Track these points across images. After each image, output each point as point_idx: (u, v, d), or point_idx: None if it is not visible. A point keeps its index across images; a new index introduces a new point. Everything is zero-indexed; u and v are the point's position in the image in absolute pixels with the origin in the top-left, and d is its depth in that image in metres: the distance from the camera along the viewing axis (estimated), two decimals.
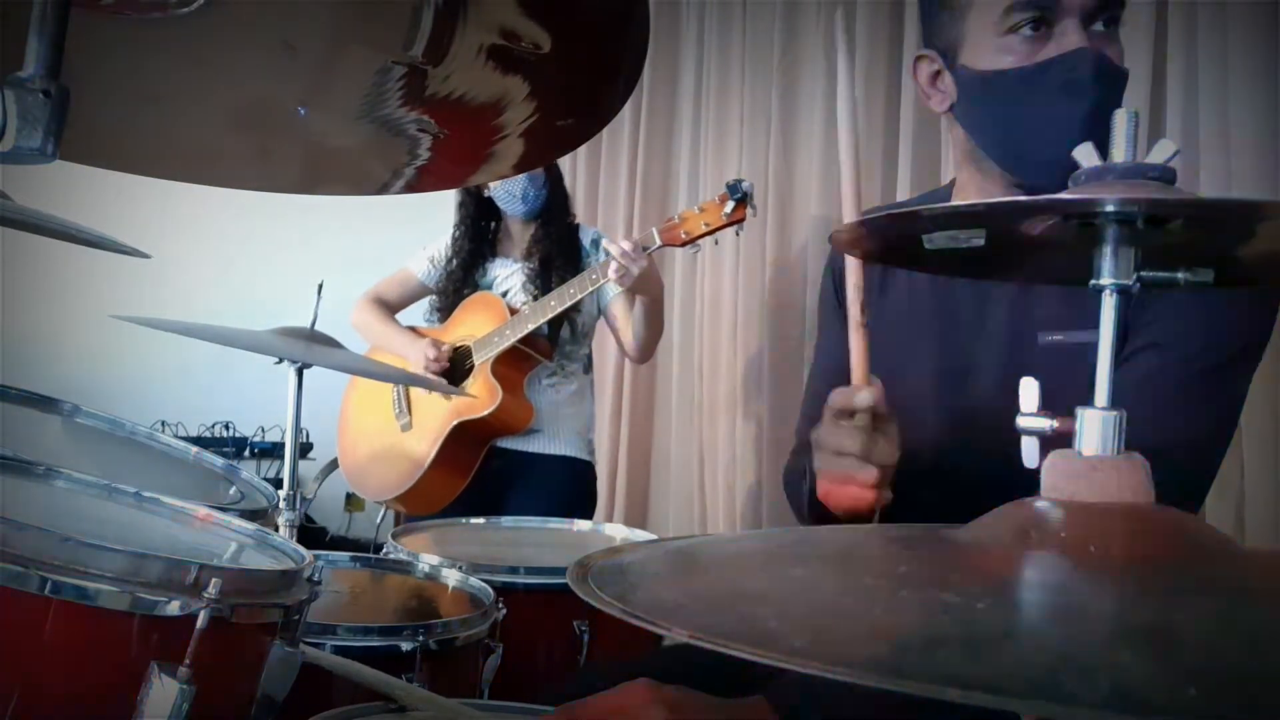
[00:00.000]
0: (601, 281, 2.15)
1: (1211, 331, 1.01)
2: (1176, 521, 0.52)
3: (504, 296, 2.36)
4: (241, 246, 3.56)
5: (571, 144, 0.82)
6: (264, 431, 3.54)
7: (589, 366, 2.47)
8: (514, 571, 1.40)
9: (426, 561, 1.45)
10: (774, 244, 2.85)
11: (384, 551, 1.54)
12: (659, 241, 2.08)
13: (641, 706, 0.79)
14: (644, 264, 2.06)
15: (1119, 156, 0.54)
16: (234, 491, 1.27)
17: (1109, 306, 0.54)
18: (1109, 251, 0.54)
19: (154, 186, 0.86)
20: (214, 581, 0.73)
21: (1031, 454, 0.58)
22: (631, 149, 3.25)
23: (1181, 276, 0.54)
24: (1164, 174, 0.53)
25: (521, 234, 2.41)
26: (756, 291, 2.89)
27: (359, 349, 2.43)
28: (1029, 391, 0.58)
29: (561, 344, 2.36)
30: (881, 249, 0.71)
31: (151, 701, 0.71)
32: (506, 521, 1.88)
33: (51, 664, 0.71)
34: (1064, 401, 0.57)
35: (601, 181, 3.36)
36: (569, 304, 2.20)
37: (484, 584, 1.35)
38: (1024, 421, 0.58)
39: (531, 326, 2.23)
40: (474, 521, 1.87)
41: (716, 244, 2.14)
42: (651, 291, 2.20)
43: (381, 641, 1.14)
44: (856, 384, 1.02)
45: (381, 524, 2.81)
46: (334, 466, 2.77)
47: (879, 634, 0.42)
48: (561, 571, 1.43)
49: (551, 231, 2.36)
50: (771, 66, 2.85)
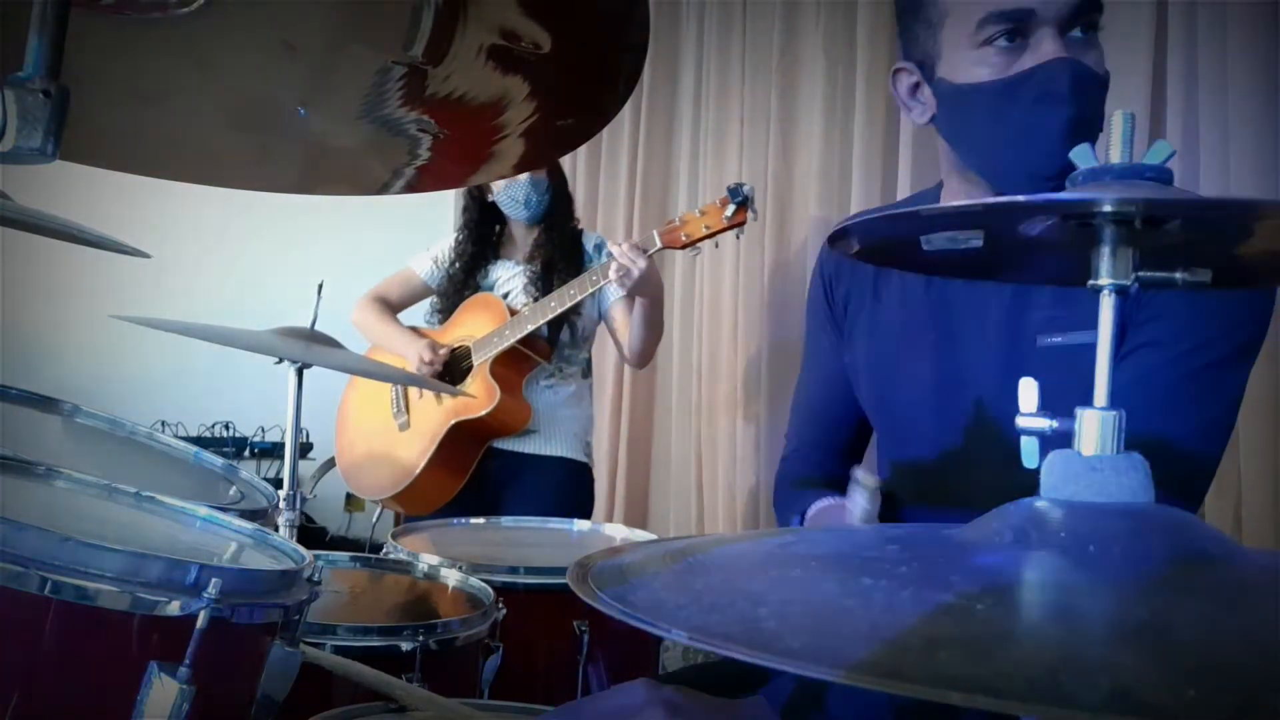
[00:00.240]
0: (602, 283, 2.15)
1: (1208, 329, 1.00)
2: (1176, 521, 0.52)
3: (505, 299, 2.36)
4: (241, 246, 3.56)
5: (571, 144, 0.82)
6: (264, 431, 3.54)
7: (588, 371, 2.47)
8: (514, 571, 1.40)
9: (426, 561, 1.45)
10: (773, 244, 2.85)
11: (384, 551, 1.54)
12: (659, 243, 2.08)
13: (640, 708, 0.79)
14: (644, 265, 2.06)
15: (1116, 157, 0.54)
16: (234, 491, 1.27)
17: (1107, 306, 0.54)
18: (1107, 252, 0.54)
19: (154, 186, 0.86)
20: (214, 581, 0.73)
21: (1031, 454, 0.58)
22: (631, 149, 3.25)
23: (1179, 276, 0.54)
24: (1161, 174, 0.53)
25: (525, 238, 2.41)
26: (756, 291, 2.89)
27: (359, 349, 2.43)
28: (1028, 392, 0.58)
29: (561, 347, 2.36)
30: (879, 250, 0.71)
31: (151, 701, 0.71)
32: (506, 521, 1.88)
33: (51, 664, 0.71)
34: (1061, 402, 0.57)
35: (601, 182, 3.36)
36: (569, 305, 2.20)
37: (484, 584, 1.34)
38: (1024, 422, 0.58)
39: (531, 327, 2.23)
40: (474, 521, 1.87)
41: (717, 247, 2.13)
42: (652, 293, 2.19)
43: (381, 641, 1.14)
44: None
45: (377, 524, 2.81)
46: (331, 465, 2.77)
47: (879, 635, 0.42)
48: (561, 571, 1.44)
49: (554, 236, 2.36)
50: (771, 67, 2.86)
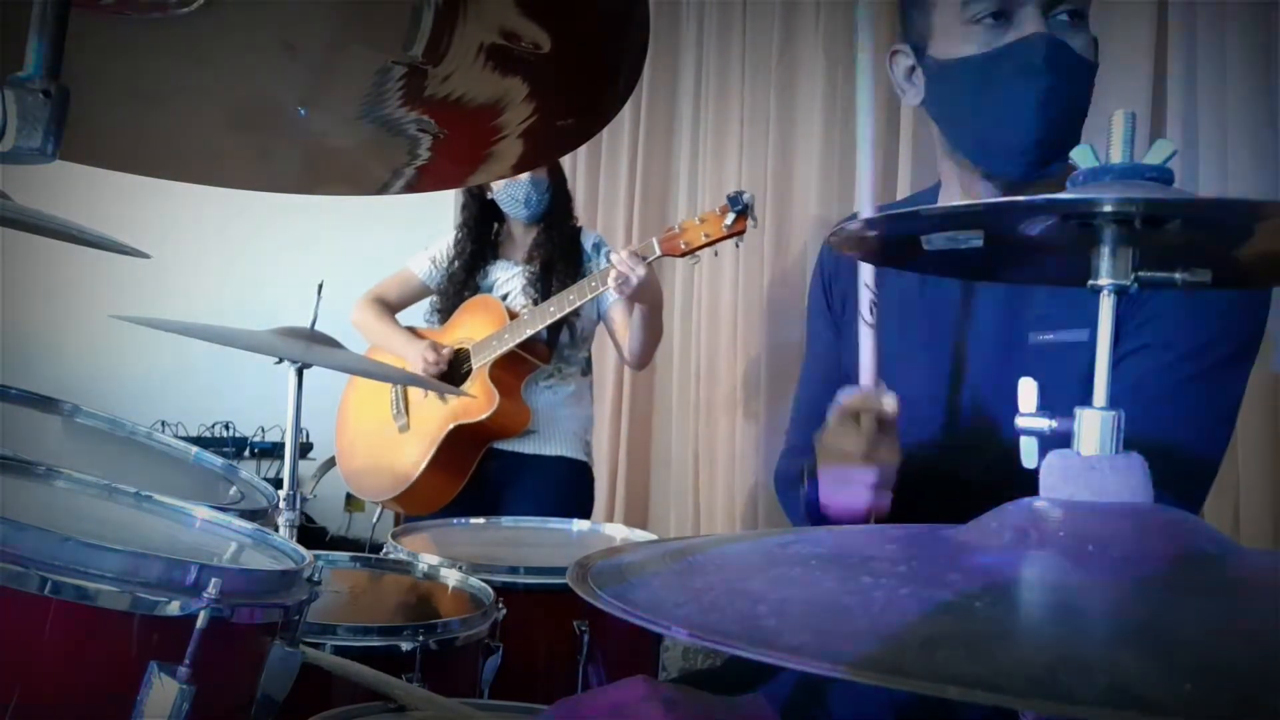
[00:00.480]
0: (601, 290, 2.15)
1: (1206, 331, 1.01)
2: (1175, 521, 0.52)
3: (504, 299, 2.36)
4: (241, 246, 3.56)
5: (571, 144, 0.82)
6: (264, 431, 3.54)
7: (588, 369, 2.47)
8: (514, 571, 1.40)
9: (426, 561, 1.45)
10: (773, 244, 2.85)
11: (384, 551, 1.54)
12: (659, 251, 2.08)
13: (638, 704, 0.79)
14: (643, 273, 2.06)
15: (1116, 157, 0.54)
16: (234, 491, 1.27)
17: (1107, 306, 0.54)
18: (1107, 251, 0.54)
19: (154, 186, 0.86)
20: (214, 581, 0.73)
21: (1030, 454, 0.58)
22: (631, 149, 3.25)
23: (1179, 276, 0.54)
24: (1162, 174, 0.53)
25: (524, 237, 2.41)
26: (756, 292, 2.89)
27: (359, 349, 2.43)
28: (1028, 391, 0.58)
29: (560, 347, 2.36)
30: (879, 250, 0.71)
31: (151, 701, 0.71)
32: (506, 521, 1.88)
33: (51, 664, 0.71)
34: (1054, 399, 0.57)
35: (601, 182, 3.36)
36: (568, 310, 2.20)
37: (484, 584, 1.34)
38: (1023, 421, 0.58)
39: (530, 332, 2.23)
40: (474, 521, 1.87)
41: (716, 255, 2.14)
42: (651, 300, 2.20)
43: (381, 641, 1.14)
44: (866, 385, 1.02)
45: (377, 524, 2.81)
46: (331, 464, 2.77)
47: (878, 633, 0.42)
48: (561, 571, 1.44)
49: (554, 235, 2.36)
50: (771, 67, 2.86)
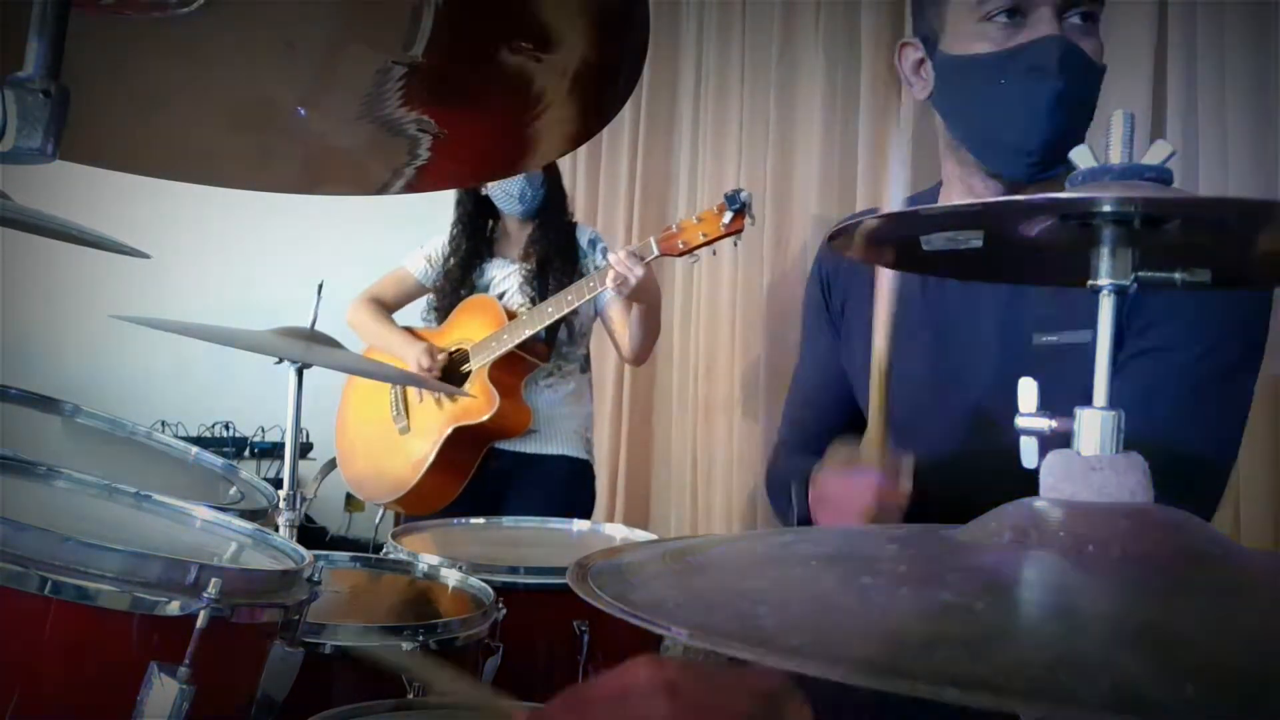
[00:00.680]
0: (599, 289, 2.16)
1: (1215, 334, 1.00)
2: (1176, 521, 0.52)
3: (501, 298, 2.36)
4: (241, 246, 3.56)
5: (571, 144, 0.82)
6: (264, 431, 3.54)
7: (586, 366, 2.47)
8: (514, 571, 1.40)
9: (426, 561, 1.44)
10: (772, 245, 2.85)
11: (384, 551, 1.54)
12: (657, 251, 2.09)
13: (642, 692, 0.77)
14: (641, 273, 2.07)
15: (1116, 157, 0.54)
16: (234, 491, 1.27)
17: (1106, 307, 0.54)
18: (1106, 252, 0.54)
19: (154, 186, 0.86)
20: (214, 581, 0.74)
21: (1031, 454, 0.58)
22: (631, 149, 3.25)
23: (1179, 276, 0.54)
24: (1161, 174, 0.53)
25: (519, 233, 2.41)
26: (755, 291, 2.89)
27: (358, 349, 2.43)
28: (1028, 392, 0.58)
29: (558, 345, 2.36)
30: (879, 250, 0.71)
31: (151, 701, 0.71)
32: (506, 521, 1.88)
33: (51, 664, 0.71)
34: (1055, 400, 0.57)
35: (601, 182, 3.36)
36: (566, 311, 2.20)
37: (484, 584, 1.34)
38: (1023, 422, 0.58)
39: (529, 333, 2.23)
40: (474, 521, 1.87)
41: (715, 254, 2.14)
42: (649, 299, 2.20)
43: (381, 641, 1.14)
44: (875, 432, 0.99)
45: (380, 524, 2.81)
46: (333, 466, 2.77)
47: (878, 634, 0.42)
48: (561, 571, 1.43)
49: (549, 231, 2.36)
50: (770, 67, 2.86)
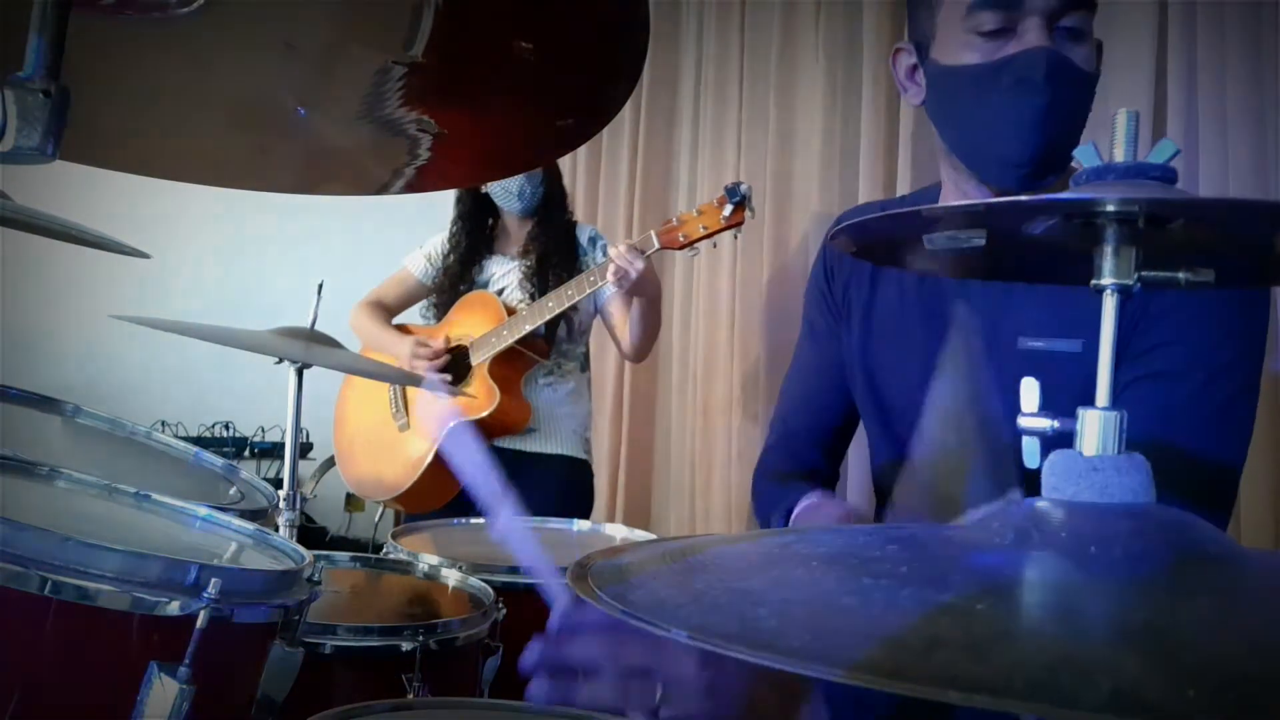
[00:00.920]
0: (600, 284, 2.16)
1: (1222, 356, 0.99)
2: (1177, 521, 0.52)
3: (500, 294, 2.36)
4: (241, 246, 3.56)
5: (571, 144, 0.82)
6: (264, 431, 3.54)
7: (586, 365, 2.47)
8: (514, 571, 1.40)
9: (426, 561, 1.44)
10: (772, 243, 2.85)
11: (384, 551, 1.54)
12: (657, 244, 2.08)
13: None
14: (642, 267, 2.06)
15: (1119, 156, 0.54)
16: (234, 491, 1.27)
17: (1109, 306, 0.54)
18: (1110, 251, 0.54)
19: (154, 186, 0.86)
20: (214, 581, 0.73)
21: (1033, 455, 0.58)
22: (631, 149, 3.25)
23: (1183, 276, 0.54)
24: (1165, 174, 0.53)
25: (518, 231, 2.41)
26: (755, 292, 2.89)
27: (358, 348, 2.43)
28: (1030, 392, 0.58)
29: (558, 343, 2.36)
30: (881, 249, 0.71)
31: (151, 701, 0.71)
32: None
33: (51, 664, 0.71)
34: (1055, 402, 0.57)
35: (601, 181, 3.36)
36: (566, 306, 2.20)
37: (484, 584, 1.34)
38: (1025, 422, 0.58)
39: (529, 328, 2.23)
40: (474, 521, 1.87)
41: (715, 247, 2.14)
42: (649, 293, 2.20)
43: (381, 641, 1.14)
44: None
45: (380, 523, 2.81)
46: (330, 465, 2.78)
47: (878, 634, 0.42)
48: (562, 571, 1.44)
49: (548, 229, 2.36)
50: (770, 66, 2.86)
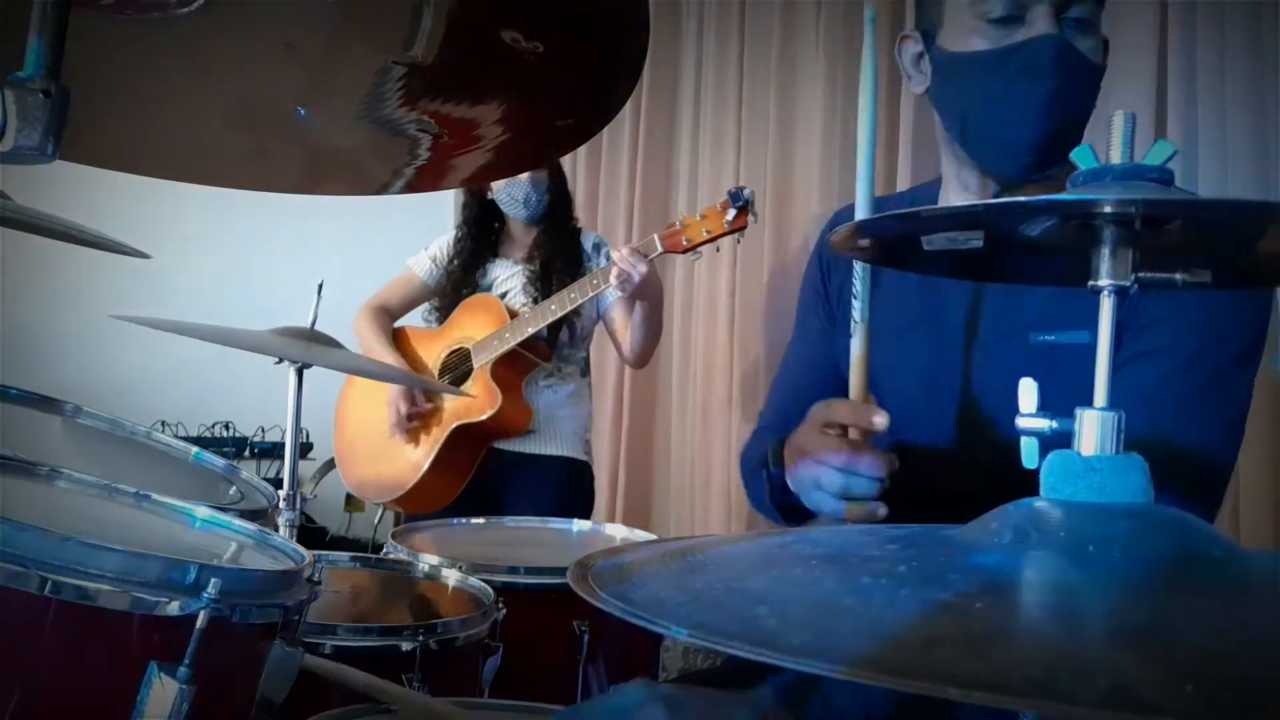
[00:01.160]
0: (603, 287, 2.15)
1: (1212, 334, 1.00)
2: (1176, 521, 0.52)
3: (503, 298, 2.36)
4: (241, 246, 3.56)
5: (571, 144, 0.82)
6: (264, 431, 3.54)
7: (586, 369, 2.47)
8: (514, 571, 1.40)
9: (426, 561, 1.44)
10: (772, 243, 2.85)
11: (384, 551, 1.54)
12: (660, 248, 2.08)
13: (639, 706, 0.79)
14: (645, 270, 2.06)
15: (1116, 157, 0.54)
16: (234, 491, 1.27)
17: (1107, 307, 0.54)
18: (1107, 252, 0.54)
19: (154, 186, 0.86)
20: (214, 581, 0.73)
21: (1031, 455, 0.58)
22: (631, 149, 3.26)
23: (1180, 277, 0.54)
24: (1162, 175, 0.53)
25: (523, 236, 2.41)
26: (755, 292, 2.89)
27: (357, 349, 2.43)
28: (1028, 392, 0.58)
29: (559, 346, 2.36)
30: (879, 250, 0.71)
31: (151, 701, 0.71)
32: (507, 522, 1.88)
33: (51, 664, 0.71)
34: (1056, 403, 0.57)
35: (601, 182, 3.36)
36: (569, 309, 2.20)
37: (484, 584, 1.34)
38: (1023, 422, 0.58)
39: (531, 330, 2.23)
40: (474, 522, 1.87)
41: (718, 251, 2.13)
42: (652, 297, 2.20)
43: (381, 641, 1.14)
44: (855, 397, 1.00)
45: (380, 524, 2.81)
46: (330, 466, 2.77)
47: (878, 633, 0.42)
48: (561, 571, 1.44)
49: (553, 235, 2.36)
50: (770, 66, 2.86)
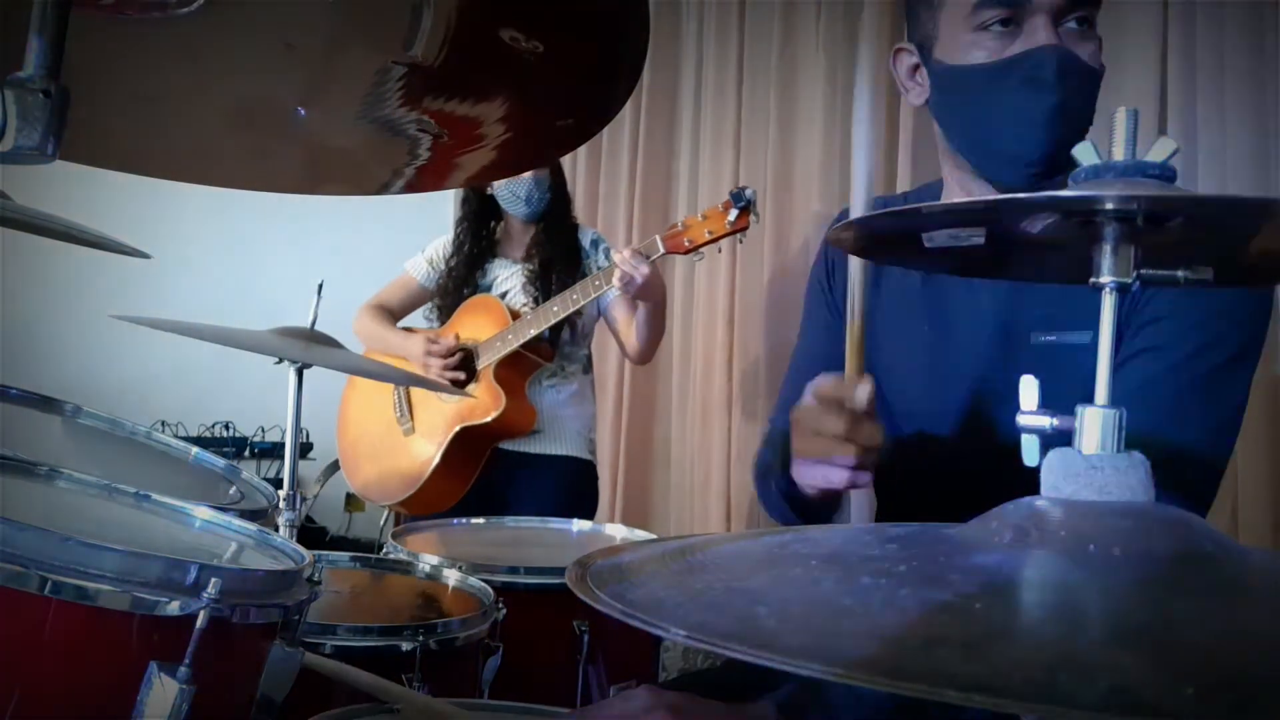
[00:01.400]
0: (605, 289, 2.16)
1: (1209, 332, 1.00)
2: (1176, 521, 0.52)
3: (503, 297, 2.36)
4: (241, 246, 3.56)
5: (571, 144, 0.82)
6: (264, 431, 3.54)
7: (589, 367, 2.48)
8: (514, 571, 1.40)
9: (426, 561, 1.44)
10: (773, 243, 2.85)
11: (384, 551, 1.54)
12: (662, 249, 2.08)
13: (644, 712, 0.79)
14: (647, 271, 2.07)
15: (1118, 154, 0.54)
16: (234, 491, 1.27)
17: (1108, 304, 0.54)
18: (1108, 249, 0.54)
19: (154, 186, 0.86)
20: (214, 581, 0.73)
21: (1032, 452, 0.58)
22: (631, 149, 3.26)
23: (1181, 274, 0.54)
24: (1164, 172, 0.53)
25: (522, 235, 2.41)
26: (755, 292, 2.89)
27: (359, 349, 2.43)
28: (1029, 390, 0.58)
29: (561, 345, 2.36)
30: (881, 247, 0.71)
31: (151, 701, 0.71)
32: (507, 521, 1.88)
33: (51, 664, 0.71)
34: (1052, 400, 0.57)
35: (601, 182, 3.36)
36: (571, 310, 2.20)
37: (484, 584, 1.34)
38: (1024, 420, 0.58)
39: (534, 332, 2.23)
40: (475, 521, 1.87)
41: (720, 251, 2.13)
42: (654, 297, 2.20)
43: (381, 641, 1.14)
44: (850, 376, 1.00)
45: (385, 525, 2.81)
46: (335, 468, 2.77)
47: (878, 634, 0.42)
48: (561, 571, 1.44)
49: (553, 233, 2.36)
50: (770, 65, 2.86)
